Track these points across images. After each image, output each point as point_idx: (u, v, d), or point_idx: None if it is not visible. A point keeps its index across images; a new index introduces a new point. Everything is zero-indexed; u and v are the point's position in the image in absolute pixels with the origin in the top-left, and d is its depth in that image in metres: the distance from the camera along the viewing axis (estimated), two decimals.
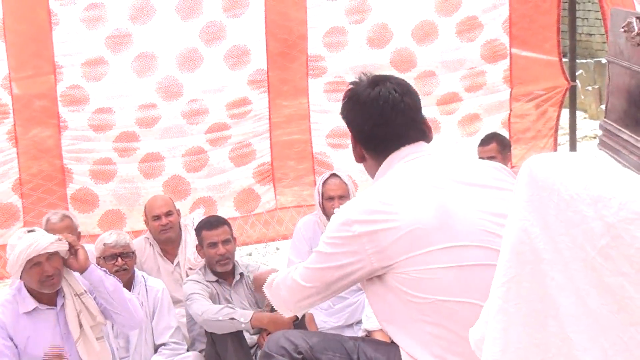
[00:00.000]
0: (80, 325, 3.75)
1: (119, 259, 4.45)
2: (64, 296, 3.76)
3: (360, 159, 2.43)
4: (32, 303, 3.76)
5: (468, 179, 2.25)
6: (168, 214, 5.05)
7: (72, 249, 3.71)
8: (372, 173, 2.41)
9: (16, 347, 3.76)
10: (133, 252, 4.59)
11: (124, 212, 5.53)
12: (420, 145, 2.35)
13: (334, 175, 5.02)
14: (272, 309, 4.57)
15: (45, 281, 3.65)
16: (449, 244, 2.10)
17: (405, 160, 2.30)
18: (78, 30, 5.11)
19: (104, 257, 4.47)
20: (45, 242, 3.63)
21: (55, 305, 3.79)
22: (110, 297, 3.74)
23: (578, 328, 1.33)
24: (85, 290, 3.77)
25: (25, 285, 3.78)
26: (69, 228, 4.76)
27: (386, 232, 2.12)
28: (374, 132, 2.35)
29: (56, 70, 5.14)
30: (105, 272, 3.81)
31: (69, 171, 5.34)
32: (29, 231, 3.76)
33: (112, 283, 3.75)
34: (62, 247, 3.68)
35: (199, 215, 5.32)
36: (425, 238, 2.11)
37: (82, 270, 3.70)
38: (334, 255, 2.22)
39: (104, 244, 4.49)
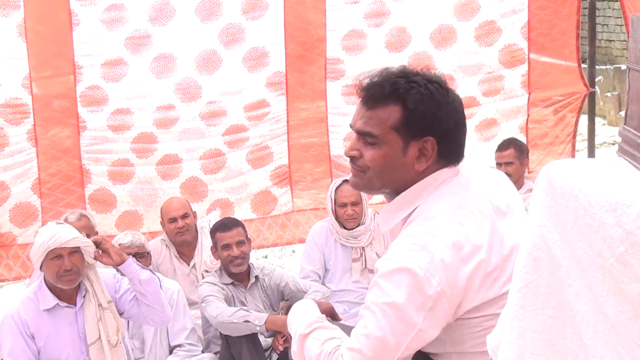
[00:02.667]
0: (100, 332, 3.77)
1: (134, 259, 4.47)
2: (84, 295, 3.79)
3: (418, 166, 2.01)
4: (52, 300, 3.78)
5: (506, 209, 2.05)
6: (184, 216, 5.07)
7: (102, 247, 3.74)
8: (399, 185, 2.05)
9: (36, 345, 3.78)
10: (148, 253, 4.61)
11: (141, 213, 5.56)
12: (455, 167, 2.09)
13: (346, 181, 5.00)
14: (288, 312, 4.57)
15: (63, 275, 3.68)
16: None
17: (448, 182, 2.04)
18: (98, 31, 5.15)
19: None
20: (67, 236, 3.66)
21: (75, 304, 3.81)
22: (145, 290, 3.77)
23: (595, 335, 1.32)
24: (109, 301, 3.79)
25: (45, 282, 3.81)
26: (86, 227, 4.79)
27: (468, 280, 1.88)
28: (457, 136, 2.05)
29: (76, 70, 5.17)
30: (141, 266, 3.83)
31: (87, 171, 5.37)
32: (59, 223, 3.81)
33: (147, 275, 3.78)
34: (84, 242, 3.71)
35: (215, 217, 5.33)
36: (501, 276, 1.91)
37: (118, 264, 3.73)
38: (404, 321, 1.88)
39: (119, 245, 4.52)
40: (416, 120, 1.98)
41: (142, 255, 4.54)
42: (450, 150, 2.03)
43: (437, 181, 2.02)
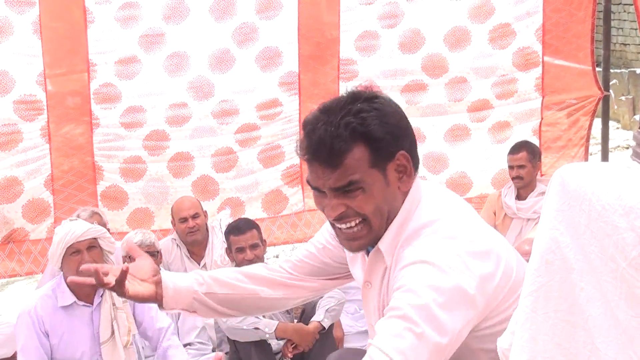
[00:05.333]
0: (112, 331, 3.78)
1: None
2: (101, 295, 3.80)
3: (403, 186, 1.92)
4: (70, 297, 3.79)
5: None
6: (195, 216, 5.08)
7: None
8: (395, 214, 1.93)
9: (50, 342, 3.79)
10: (158, 252, 4.59)
11: (152, 211, 5.57)
12: None
13: None
14: (302, 314, 4.57)
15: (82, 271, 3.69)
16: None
17: (429, 191, 1.98)
18: (112, 29, 5.17)
19: (129, 257, 4.49)
20: (82, 228, 3.71)
21: (92, 304, 3.83)
22: None
23: (607, 339, 1.32)
24: (124, 301, 3.81)
25: (64, 280, 3.82)
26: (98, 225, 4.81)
27: (485, 282, 1.80)
28: (415, 143, 1.96)
29: (90, 68, 5.19)
30: None
31: (99, 168, 5.39)
32: (72, 220, 3.88)
33: None
34: (98, 231, 3.76)
35: (226, 217, 5.33)
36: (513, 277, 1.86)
37: None
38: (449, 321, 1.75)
39: None
40: (384, 144, 1.86)
41: (152, 254, 4.52)
42: (415, 152, 1.95)
43: (419, 192, 1.95)
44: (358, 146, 1.84)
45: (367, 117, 1.85)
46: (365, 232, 1.91)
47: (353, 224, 1.90)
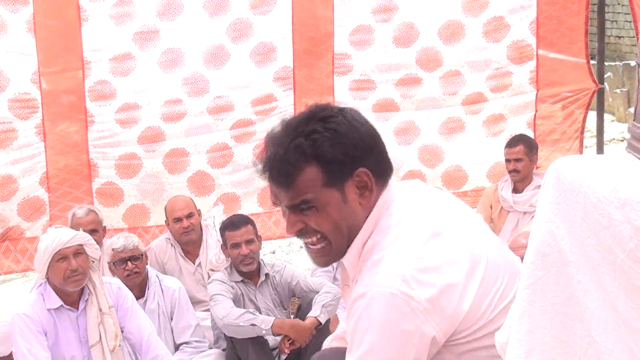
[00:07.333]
0: (100, 335, 3.79)
1: (129, 262, 4.42)
2: (86, 299, 3.81)
3: (365, 202, 1.88)
4: (57, 301, 3.80)
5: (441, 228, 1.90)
6: (189, 216, 5.05)
7: None
8: (359, 228, 1.89)
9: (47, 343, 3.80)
10: (142, 254, 4.52)
11: (148, 207, 5.57)
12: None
13: None
14: (298, 310, 4.57)
15: (70, 276, 3.68)
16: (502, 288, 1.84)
17: (399, 201, 1.91)
18: (106, 26, 5.16)
19: (114, 263, 4.46)
20: (69, 235, 3.73)
21: (77, 309, 3.83)
22: None
23: (604, 331, 1.32)
24: (111, 307, 3.81)
25: (49, 284, 3.82)
26: (94, 222, 4.81)
27: (449, 292, 1.76)
28: (379, 147, 1.91)
29: (84, 65, 5.19)
30: None
31: (94, 165, 5.38)
32: (57, 227, 3.87)
33: None
34: (84, 238, 3.77)
35: (219, 214, 5.32)
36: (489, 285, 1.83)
37: None
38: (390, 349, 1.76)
39: (113, 249, 4.47)
40: (339, 164, 1.83)
41: (136, 258, 4.45)
42: (382, 165, 1.91)
43: (386, 203, 1.90)
44: (310, 167, 1.82)
45: (319, 138, 1.82)
46: (327, 250, 1.91)
47: (314, 239, 1.90)
